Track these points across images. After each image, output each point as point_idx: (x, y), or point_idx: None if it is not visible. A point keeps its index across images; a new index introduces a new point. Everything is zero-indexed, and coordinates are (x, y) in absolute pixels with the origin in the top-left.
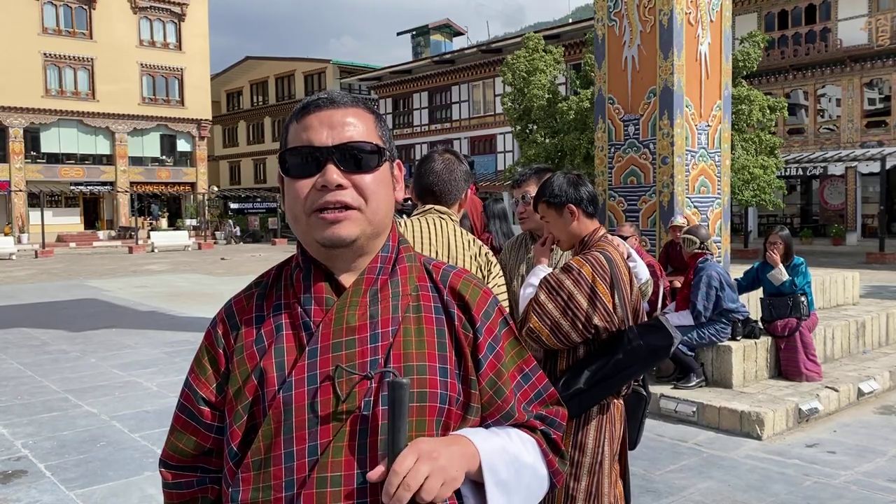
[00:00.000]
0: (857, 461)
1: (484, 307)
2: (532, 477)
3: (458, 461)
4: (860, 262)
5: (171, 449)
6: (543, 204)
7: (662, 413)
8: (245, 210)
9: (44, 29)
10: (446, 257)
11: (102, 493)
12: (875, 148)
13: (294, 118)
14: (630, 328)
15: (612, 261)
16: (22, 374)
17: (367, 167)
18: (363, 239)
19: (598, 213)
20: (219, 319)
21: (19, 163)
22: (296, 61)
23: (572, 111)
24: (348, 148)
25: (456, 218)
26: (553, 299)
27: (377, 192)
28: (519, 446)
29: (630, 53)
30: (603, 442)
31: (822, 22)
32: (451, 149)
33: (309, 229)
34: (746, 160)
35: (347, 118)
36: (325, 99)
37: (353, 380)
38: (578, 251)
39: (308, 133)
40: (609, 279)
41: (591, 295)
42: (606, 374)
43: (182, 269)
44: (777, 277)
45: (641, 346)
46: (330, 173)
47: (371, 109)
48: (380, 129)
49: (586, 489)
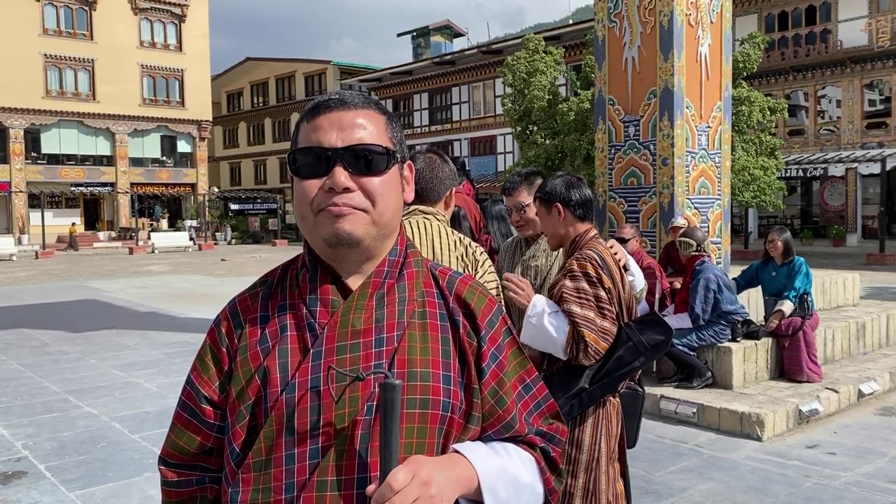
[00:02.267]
0: (858, 462)
1: (489, 316)
2: (530, 495)
3: (452, 489)
4: (860, 264)
5: (170, 447)
6: (537, 199)
7: (663, 414)
8: (245, 211)
9: (44, 30)
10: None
11: (102, 494)
12: (875, 149)
13: (305, 118)
14: (628, 325)
15: (604, 258)
16: (22, 375)
17: (376, 169)
18: (369, 240)
19: (591, 217)
20: (223, 318)
21: (20, 164)
22: (296, 62)
23: (572, 112)
24: (357, 150)
25: (442, 216)
26: (590, 307)
27: (385, 195)
28: (518, 466)
29: (630, 54)
30: (599, 439)
31: (823, 23)
32: (436, 149)
33: (316, 227)
34: (747, 161)
35: (357, 119)
36: (336, 100)
37: (343, 382)
38: (570, 252)
39: (318, 134)
40: (606, 273)
41: (604, 288)
42: (608, 370)
43: (182, 270)
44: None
45: (642, 342)
46: (338, 175)
47: (382, 110)
48: (390, 131)
49: (583, 486)
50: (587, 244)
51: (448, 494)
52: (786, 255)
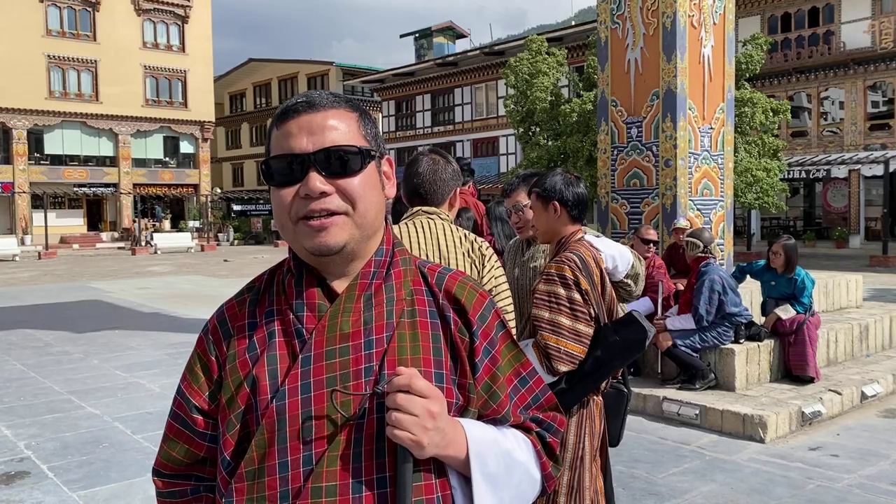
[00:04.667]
0: (860, 464)
1: (480, 310)
2: (524, 476)
3: (438, 440)
4: (863, 266)
5: (163, 457)
6: (534, 194)
7: (665, 416)
8: (248, 212)
9: (47, 31)
10: (437, 257)
11: (105, 495)
12: (878, 151)
13: (274, 124)
14: (605, 325)
15: (584, 260)
16: (25, 376)
17: (352, 170)
18: (353, 244)
19: (584, 218)
20: (210, 326)
21: (23, 164)
22: (299, 63)
23: (575, 113)
24: (330, 153)
25: (446, 216)
26: (560, 312)
27: (364, 195)
28: (513, 442)
29: (633, 56)
30: (583, 437)
31: (826, 24)
32: (438, 150)
33: (297, 237)
34: (749, 163)
35: (328, 121)
36: (304, 103)
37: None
38: (555, 251)
39: (288, 140)
40: (585, 276)
41: (580, 291)
42: (587, 371)
43: (185, 271)
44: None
45: (618, 342)
46: (312, 181)
47: (354, 107)
48: (364, 128)
49: (568, 483)
50: (572, 246)
51: (434, 442)
52: (787, 266)
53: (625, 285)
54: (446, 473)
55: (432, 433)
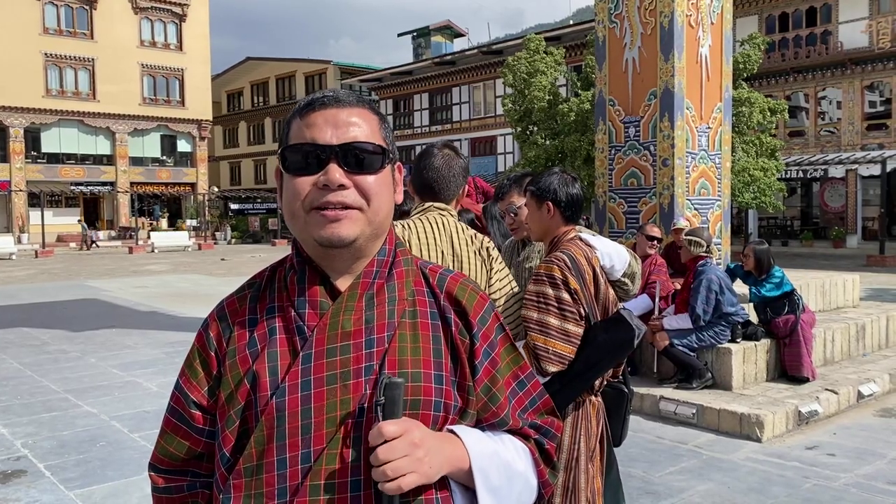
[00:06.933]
0: (857, 464)
1: (480, 312)
2: (524, 486)
3: (442, 461)
4: (860, 265)
5: (160, 453)
6: (528, 193)
7: (662, 415)
8: (245, 211)
9: (45, 29)
10: (450, 255)
11: (102, 494)
12: (876, 150)
13: (297, 114)
14: (594, 324)
15: (574, 259)
16: (22, 374)
17: (370, 168)
18: (362, 240)
19: (578, 218)
20: (210, 321)
21: (20, 163)
22: (296, 62)
23: (573, 113)
24: (352, 148)
25: (455, 213)
26: (548, 312)
27: (379, 194)
28: (512, 453)
29: (631, 55)
30: (578, 438)
31: (823, 24)
32: (450, 144)
33: (307, 227)
34: (747, 162)
35: (352, 118)
36: (331, 97)
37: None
38: (548, 250)
39: (312, 130)
40: (574, 275)
41: (569, 290)
42: (577, 371)
43: (182, 270)
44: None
45: (607, 340)
46: (333, 172)
47: (375, 111)
48: (383, 131)
49: (563, 484)
50: (563, 245)
51: (437, 464)
52: (758, 268)
53: (622, 284)
54: (446, 478)
55: (428, 458)
